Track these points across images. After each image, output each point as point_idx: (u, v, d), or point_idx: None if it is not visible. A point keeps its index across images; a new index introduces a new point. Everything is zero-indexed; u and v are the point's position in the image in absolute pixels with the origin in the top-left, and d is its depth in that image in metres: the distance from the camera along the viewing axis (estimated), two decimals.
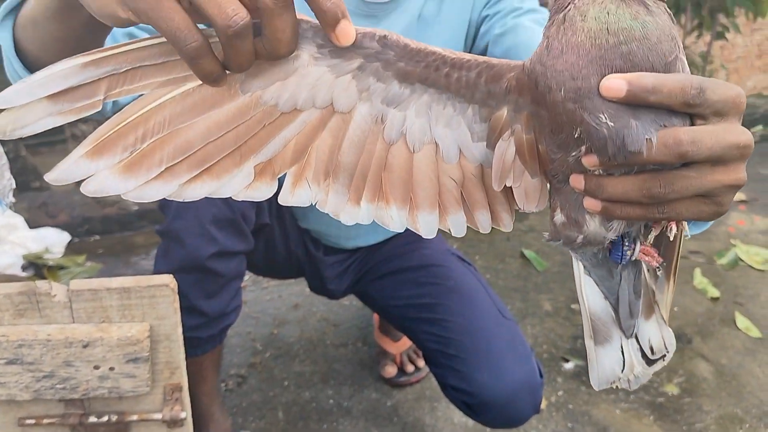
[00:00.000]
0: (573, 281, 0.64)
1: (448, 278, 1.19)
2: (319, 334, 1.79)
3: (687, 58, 0.48)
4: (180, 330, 0.92)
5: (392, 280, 1.25)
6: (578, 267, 0.62)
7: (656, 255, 0.54)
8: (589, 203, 0.49)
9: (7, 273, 1.90)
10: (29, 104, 0.46)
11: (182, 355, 0.94)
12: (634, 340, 0.63)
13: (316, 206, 0.53)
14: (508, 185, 0.54)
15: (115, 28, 0.76)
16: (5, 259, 1.91)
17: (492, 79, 0.51)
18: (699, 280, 2.08)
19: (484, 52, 1.03)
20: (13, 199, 1.77)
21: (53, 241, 2.12)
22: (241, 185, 0.50)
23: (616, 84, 0.42)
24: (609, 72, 0.43)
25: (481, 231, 0.57)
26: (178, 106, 0.48)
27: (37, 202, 2.29)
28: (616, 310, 0.62)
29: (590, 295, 0.63)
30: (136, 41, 0.46)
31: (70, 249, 2.18)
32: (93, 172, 0.47)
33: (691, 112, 0.44)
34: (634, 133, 0.43)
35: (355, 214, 0.54)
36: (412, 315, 1.19)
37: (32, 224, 2.14)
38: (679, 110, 0.44)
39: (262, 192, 0.51)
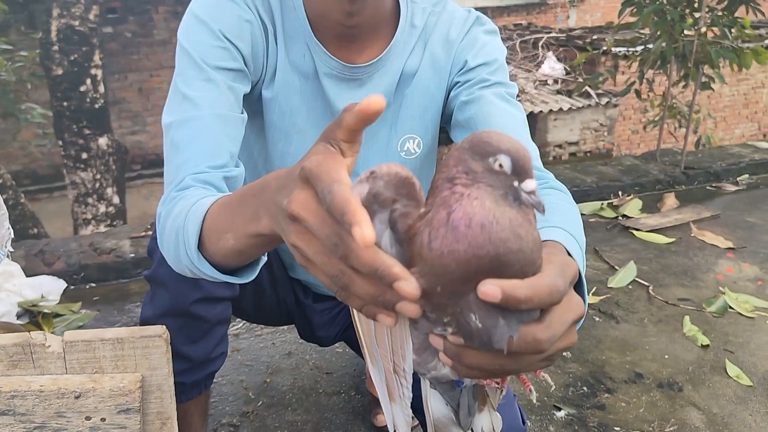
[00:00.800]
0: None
1: None
2: (312, 383, 1.79)
3: (674, 108, 0.54)
4: (172, 380, 0.94)
5: None
6: (425, 383, 0.70)
7: (494, 378, 0.61)
8: (445, 360, 0.56)
9: (3, 321, 1.91)
10: None
11: (173, 406, 0.95)
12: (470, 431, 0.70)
13: None
14: None
15: None
16: (1, 306, 1.93)
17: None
18: (689, 327, 2.09)
19: (450, 116, 1.07)
20: (10, 249, 1.80)
21: (49, 288, 2.14)
22: None
23: (491, 290, 0.48)
24: (485, 277, 0.48)
25: None
26: None
27: (34, 250, 2.31)
28: (456, 413, 0.70)
29: (434, 404, 0.72)
30: None
31: (66, 296, 2.20)
32: None
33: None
34: (500, 332, 0.49)
35: None
36: None
37: (29, 271, 2.16)
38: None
39: None
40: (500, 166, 0.48)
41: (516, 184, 0.48)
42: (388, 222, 0.54)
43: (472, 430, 0.71)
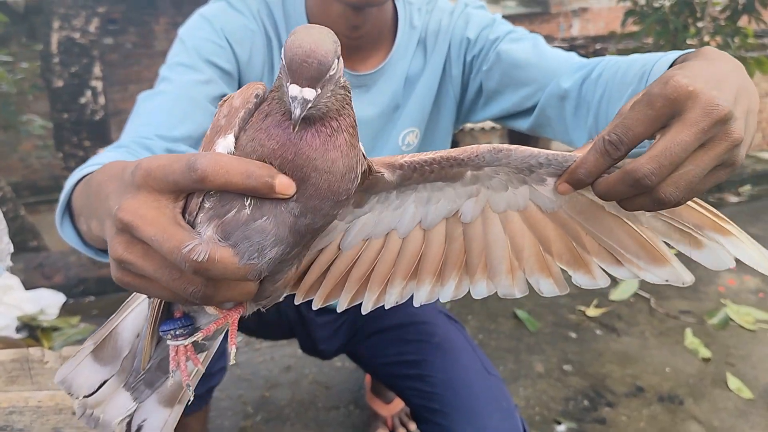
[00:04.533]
0: (565, 342, 0.68)
1: (433, 335, 1.20)
2: (311, 397, 1.78)
3: None
4: None
5: (380, 338, 1.26)
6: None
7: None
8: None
9: (2, 335, 1.90)
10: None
11: None
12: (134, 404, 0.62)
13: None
14: None
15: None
16: (0, 321, 1.92)
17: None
18: (690, 340, 2.08)
19: (479, 91, 1.08)
20: (10, 263, 1.79)
21: (48, 302, 2.14)
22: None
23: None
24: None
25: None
26: None
27: (33, 263, 2.31)
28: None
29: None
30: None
31: (65, 310, 2.19)
32: None
33: None
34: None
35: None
36: (398, 372, 1.20)
37: (28, 285, 2.15)
38: None
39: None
40: (283, 60, 0.44)
41: (287, 84, 0.44)
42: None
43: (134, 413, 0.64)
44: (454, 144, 1.21)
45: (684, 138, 0.49)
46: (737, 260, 0.57)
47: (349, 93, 0.49)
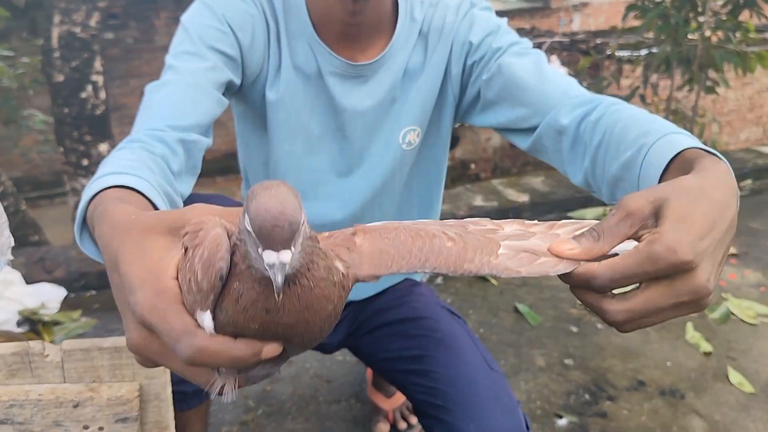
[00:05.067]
0: (566, 336, 0.68)
1: (435, 330, 1.20)
2: (312, 391, 1.79)
3: (678, 112, 0.53)
4: (170, 390, 0.93)
5: (382, 333, 1.26)
6: None
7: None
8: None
9: (3, 329, 1.90)
10: None
11: (171, 415, 0.95)
12: None
13: None
14: None
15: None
16: (1, 314, 1.93)
17: None
18: (691, 334, 2.08)
19: (477, 97, 1.07)
20: (11, 257, 1.80)
21: (49, 296, 2.14)
22: None
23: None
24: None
25: None
26: None
27: (34, 258, 2.31)
28: None
29: None
30: None
31: (66, 304, 2.20)
32: None
33: None
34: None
35: None
36: (400, 367, 1.20)
37: (29, 279, 2.16)
38: None
39: None
40: (248, 229, 0.43)
41: (260, 251, 0.43)
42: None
43: None
44: (454, 139, 1.21)
45: (664, 304, 0.54)
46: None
47: (317, 242, 0.49)
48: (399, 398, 1.61)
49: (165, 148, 0.83)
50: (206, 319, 0.47)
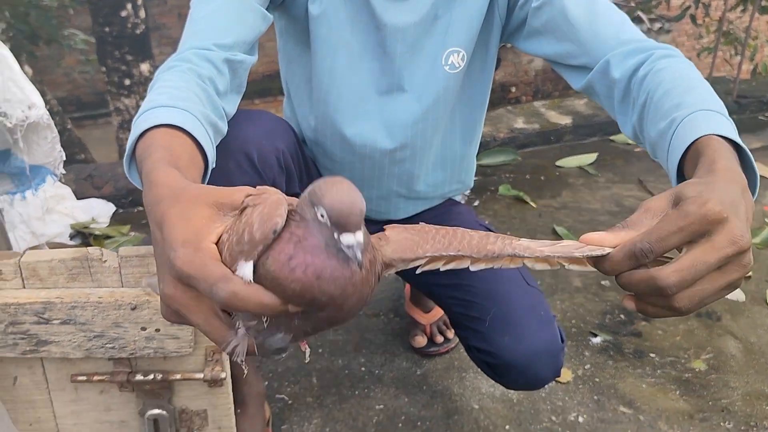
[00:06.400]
0: None
1: None
2: None
3: (731, 34, 0.52)
4: None
5: None
6: None
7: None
8: None
9: (56, 241, 1.99)
10: None
11: None
12: None
13: None
14: None
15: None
16: (54, 228, 2.01)
17: None
18: None
19: (523, 23, 1.06)
20: (63, 171, 1.86)
21: (99, 211, 2.22)
22: None
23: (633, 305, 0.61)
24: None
25: None
26: None
27: (83, 174, 2.38)
28: None
29: None
30: None
31: (115, 219, 2.27)
32: None
33: None
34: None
35: None
36: (438, 281, 1.22)
37: (79, 195, 2.23)
38: None
39: None
40: (322, 216, 0.50)
41: (336, 236, 0.50)
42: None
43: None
44: (496, 61, 1.18)
45: (709, 260, 0.55)
46: None
47: (368, 234, 0.56)
48: (436, 313, 1.65)
49: (212, 68, 0.86)
50: (247, 268, 0.51)
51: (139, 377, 1.04)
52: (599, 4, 0.99)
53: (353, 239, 0.50)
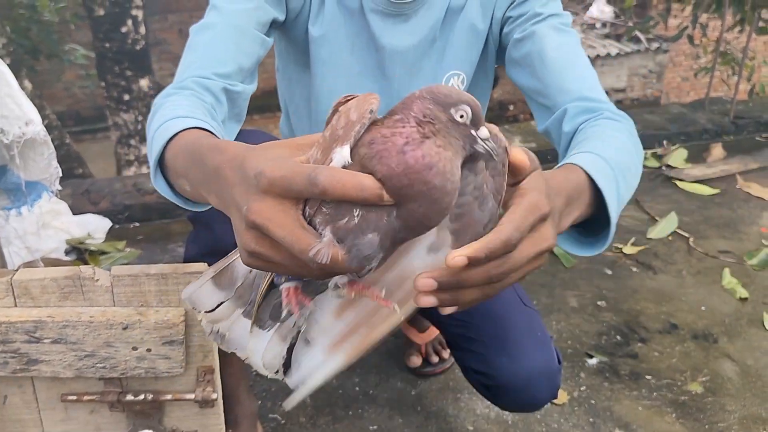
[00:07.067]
0: (600, 279, 0.69)
1: None
2: None
3: (728, 54, 0.52)
4: None
5: None
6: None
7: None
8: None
9: (52, 257, 1.98)
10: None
11: None
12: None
13: None
14: None
15: None
16: (50, 243, 2.00)
17: None
18: (728, 280, 2.06)
19: (504, 50, 1.07)
20: (59, 187, 1.86)
21: (95, 227, 2.21)
22: None
23: (460, 260, 0.51)
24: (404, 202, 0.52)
25: None
26: None
27: (80, 189, 2.38)
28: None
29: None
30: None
31: (111, 235, 2.27)
32: None
33: None
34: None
35: None
36: None
37: (75, 210, 2.23)
38: None
39: None
40: (461, 116, 0.51)
41: (473, 132, 0.52)
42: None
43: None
44: (494, 80, 1.19)
45: (521, 217, 0.55)
46: None
47: None
48: (432, 333, 1.64)
49: (212, 98, 0.87)
50: (344, 151, 0.51)
51: (129, 397, 1.03)
52: (578, 56, 1.01)
53: (487, 132, 0.53)
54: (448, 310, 0.56)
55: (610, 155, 0.77)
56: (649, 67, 7.43)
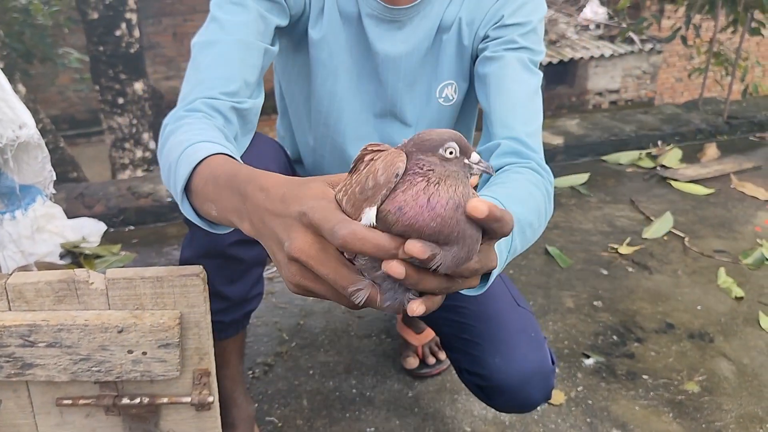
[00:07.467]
0: (596, 279, 0.69)
1: None
2: (344, 326, 1.83)
3: (721, 55, 0.52)
4: (209, 318, 0.97)
5: None
6: None
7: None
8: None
9: (46, 260, 1.98)
10: None
11: (211, 342, 0.99)
12: None
13: None
14: None
15: None
16: (44, 247, 2.00)
17: None
18: (723, 279, 2.07)
19: (474, 63, 1.09)
20: (53, 191, 1.85)
21: (90, 230, 2.20)
22: None
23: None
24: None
25: None
26: None
27: (74, 193, 2.37)
28: None
29: None
30: None
31: (106, 238, 2.26)
32: None
33: None
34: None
35: None
36: None
37: (70, 214, 2.22)
38: None
39: None
40: (451, 153, 0.54)
41: (466, 161, 0.55)
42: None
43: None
44: None
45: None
46: None
47: None
48: (428, 334, 1.64)
49: (222, 119, 0.88)
50: (371, 213, 0.54)
51: (125, 401, 1.02)
52: (531, 98, 1.02)
53: (477, 156, 0.56)
54: (418, 311, 0.58)
55: (518, 210, 0.80)
56: (642, 68, 7.46)
